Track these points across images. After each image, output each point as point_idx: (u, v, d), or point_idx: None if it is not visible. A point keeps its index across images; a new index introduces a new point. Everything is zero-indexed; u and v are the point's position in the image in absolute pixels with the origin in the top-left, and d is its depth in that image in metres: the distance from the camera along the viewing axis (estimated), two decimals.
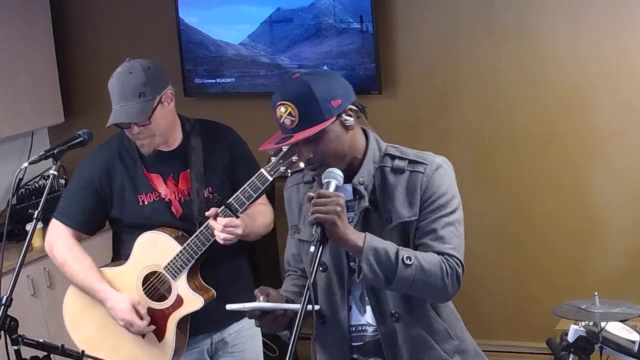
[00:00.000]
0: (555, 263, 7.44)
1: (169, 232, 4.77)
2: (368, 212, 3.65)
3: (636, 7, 6.86)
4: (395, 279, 3.35)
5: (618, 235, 7.22)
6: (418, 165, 3.62)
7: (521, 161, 7.42)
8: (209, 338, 5.07)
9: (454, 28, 7.40)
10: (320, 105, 3.47)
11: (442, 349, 3.75)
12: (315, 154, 3.54)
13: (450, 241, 3.54)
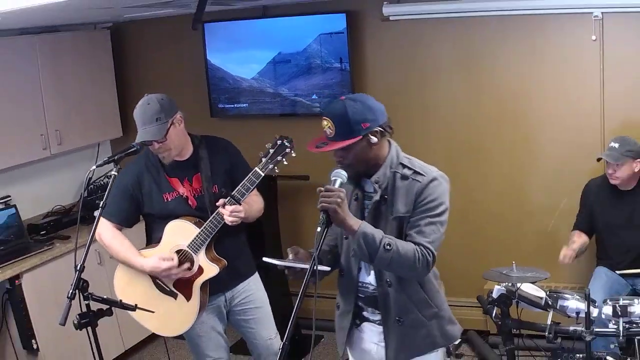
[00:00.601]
0: (486, 239, 7.89)
1: (189, 219, 5.18)
2: (380, 203, 4.14)
3: (564, 44, 7.17)
4: (376, 258, 3.88)
5: (529, 221, 7.73)
6: (418, 176, 4.09)
7: (462, 164, 7.70)
8: (222, 296, 5.45)
9: (409, 65, 7.76)
10: (352, 126, 3.94)
11: (421, 314, 4.24)
12: (344, 158, 4.03)
13: (429, 236, 4.01)
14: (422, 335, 4.32)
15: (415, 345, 4.33)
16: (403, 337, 4.29)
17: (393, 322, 4.26)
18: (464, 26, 7.56)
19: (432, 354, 4.41)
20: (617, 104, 7.21)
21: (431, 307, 4.33)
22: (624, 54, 7.11)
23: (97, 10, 6.39)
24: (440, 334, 4.38)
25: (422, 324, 4.30)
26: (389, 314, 4.27)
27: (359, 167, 4.13)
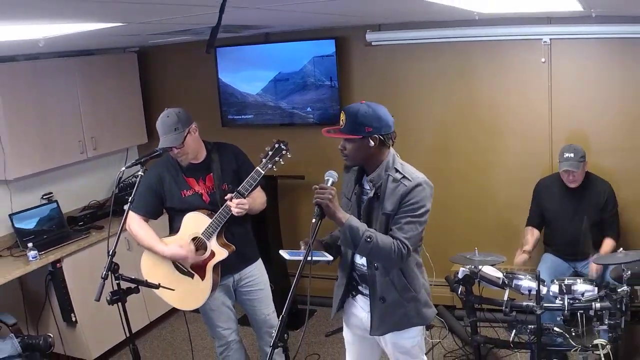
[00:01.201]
0: (452, 229, 7.90)
1: (203, 211, 5.29)
2: (374, 199, 4.27)
3: (519, 66, 7.26)
4: (358, 247, 4.07)
5: (489, 213, 7.81)
6: (405, 180, 4.19)
7: (430, 167, 7.02)
8: (231, 277, 5.57)
9: (388, 83, 7.76)
10: (358, 125, 4.10)
11: (401, 296, 4.37)
12: (345, 148, 4.19)
13: (407, 232, 4.14)
14: (400, 314, 4.43)
15: (393, 322, 4.45)
16: (384, 313, 4.41)
17: (377, 300, 4.39)
18: (435, 50, 7.61)
19: (409, 331, 4.53)
20: (562, 116, 7.30)
21: (410, 291, 4.43)
22: (568, 74, 7.22)
23: (126, 37, 6.41)
24: (416, 314, 4.47)
25: (401, 304, 4.41)
26: (375, 293, 4.39)
27: (356, 160, 4.30)
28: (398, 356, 4.67)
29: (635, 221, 7.06)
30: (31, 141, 7.01)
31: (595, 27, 6.79)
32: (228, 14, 2.27)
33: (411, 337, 4.59)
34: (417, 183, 4.22)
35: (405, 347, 4.62)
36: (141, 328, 7.74)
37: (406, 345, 4.61)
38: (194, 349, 6.83)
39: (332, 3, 4.55)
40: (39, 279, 6.89)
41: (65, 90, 7.39)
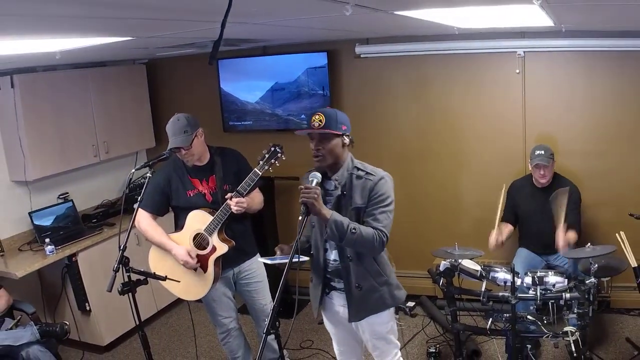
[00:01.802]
0: (434, 225, 7.97)
1: (206, 210, 5.34)
2: (341, 197, 4.34)
3: (495, 76, 7.32)
4: (345, 239, 4.13)
5: (468, 211, 7.85)
6: (370, 176, 4.33)
7: (416, 168, 7.83)
8: (231, 270, 5.66)
9: (375, 92, 7.82)
10: (337, 124, 4.22)
11: (375, 281, 4.48)
12: (322, 148, 4.22)
13: (382, 222, 4.26)
14: (375, 297, 4.53)
15: (370, 306, 4.54)
16: (361, 300, 4.50)
17: (354, 288, 4.46)
18: (418, 62, 7.64)
19: (384, 313, 4.63)
20: (535, 122, 7.38)
21: (382, 276, 4.56)
22: (540, 84, 7.28)
23: (135, 49, 6.43)
24: (389, 296, 4.61)
25: (375, 289, 4.52)
26: (350, 282, 4.46)
27: (328, 160, 4.30)
28: (375, 342, 4.75)
29: (600, 218, 7.09)
30: (49, 145, 7.07)
31: (565, 41, 6.90)
32: (229, 29, 2.27)
33: (385, 322, 4.70)
34: (380, 177, 4.36)
35: (380, 332, 4.71)
36: (149, 316, 7.80)
37: (381, 330, 4.71)
38: (197, 336, 6.93)
39: (322, 19, 4.56)
40: (56, 271, 6.97)
41: (80, 99, 7.43)
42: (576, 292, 5.13)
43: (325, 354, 6.76)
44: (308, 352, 6.90)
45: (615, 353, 6.45)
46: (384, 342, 4.76)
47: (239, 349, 6.01)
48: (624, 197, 7.14)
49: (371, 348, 4.81)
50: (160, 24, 3.95)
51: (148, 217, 5.49)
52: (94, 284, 6.92)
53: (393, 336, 4.82)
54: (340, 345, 5.00)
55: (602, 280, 5.45)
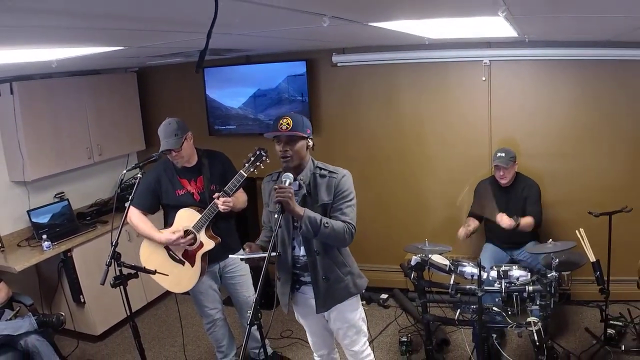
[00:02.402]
0: (406, 223, 7.97)
1: (194, 208, 5.41)
2: (306, 196, 4.37)
3: (463, 83, 7.36)
4: (319, 234, 4.18)
5: (437, 210, 7.85)
6: (333, 174, 4.40)
7: (387, 169, 7.87)
8: (217, 265, 5.74)
9: (350, 98, 7.84)
10: (303, 127, 4.26)
11: (340, 271, 4.55)
12: (290, 149, 4.23)
13: (349, 215, 4.35)
14: (341, 287, 4.59)
15: (337, 295, 4.60)
16: (328, 290, 4.55)
17: (321, 280, 4.50)
18: (390, 70, 7.65)
19: (351, 300, 4.69)
20: (500, 126, 7.41)
21: (346, 266, 4.64)
22: (505, 90, 7.32)
23: (127, 58, 6.45)
24: (353, 285, 4.66)
25: (341, 279, 4.58)
26: (318, 274, 4.50)
27: (294, 161, 4.32)
28: (345, 331, 4.80)
29: (561, 216, 7.13)
30: (46, 148, 7.11)
31: (528, 51, 6.96)
32: (214, 39, 2.29)
33: (353, 309, 4.75)
34: (343, 174, 4.44)
35: (350, 319, 4.76)
36: (140, 308, 7.82)
37: (351, 317, 4.76)
38: (185, 326, 6.92)
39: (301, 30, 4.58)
40: (52, 266, 6.96)
41: (75, 104, 7.45)
42: (539, 285, 5.16)
43: (304, 342, 6.67)
44: (288, 341, 6.94)
45: (575, 342, 6.51)
46: (354, 331, 4.80)
47: (224, 338, 6.07)
48: (584, 196, 7.17)
49: (341, 337, 4.85)
50: (150, 35, 3.96)
51: (139, 214, 5.52)
52: (87, 278, 6.94)
53: (362, 323, 4.86)
54: (313, 336, 5.03)
55: (563, 274, 5.46)
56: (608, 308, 6.24)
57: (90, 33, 3.44)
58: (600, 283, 5.74)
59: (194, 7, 2.66)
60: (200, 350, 6.94)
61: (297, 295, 4.73)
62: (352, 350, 4.90)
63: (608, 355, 6.07)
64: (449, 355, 6.46)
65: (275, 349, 6.68)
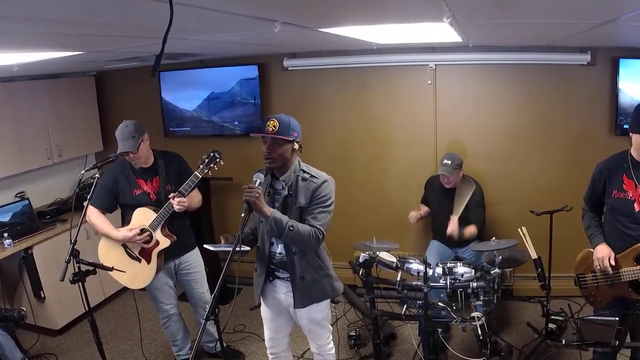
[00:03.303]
0: (355, 221, 7.97)
1: (150, 207, 5.40)
2: (287, 197, 4.35)
3: (410, 86, 7.38)
4: (283, 235, 4.16)
5: (384, 209, 7.90)
6: (314, 178, 4.35)
7: (337, 170, 7.27)
8: (172, 262, 5.74)
9: (301, 101, 7.83)
10: (289, 130, 4.24)
11: (317, 273, 4.54)
12: (272, 151, 4.21)
13: (320, 220, 4.30)
14: (317, 288, 4.59)
15: (313, 296, 4.59)
16: (304, 289, 4.54)
17: (298, 279, 4.49)
18: (340, 74, 7.68)
19: (323, 302, 4.70)
20: (445, 128, 7.49)
21: (324, 269, 4.62)
22: (450, 93, 7.40)
23: (86, 63, 6.40)
24: (330, 288, 4.67)
25: (317, 280, 4.57)
26: (295, 274, 4.49)
27: (278, 162, 4.29)
28: (311, 327, 4.81)
29: (504, 215, 7.19)
30: (7, 149, 7.08)
31: (472, 55, 7.06)
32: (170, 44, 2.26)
33: (322, 310, 4.75)
34: (324, 180, 4.39)
35: (317, 319, 4.77)
36: (98, 303, 7.76)
37: (318, 317, 4.76)
38: (141, 320, 6.92)
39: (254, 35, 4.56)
40: (13, 262, 6.90)
41: (35, 107, 7.43)
42: (482, 281, 5.17)
43: (256, 337, 6.80)
44: (240, 335, 6.93)
45: (517, 336, 6.59)
46: (318, 327, 4.84)
47: (179, 332, 6.09)
48: (526, 195, 7.28)
49: (307, 332, 4.89)
50: (108, 40, 3.94)
51: (97, 213, 5.49)
52: (47, 274, 6.91)
53: (327, 322, 4.90)
54: (271, 332, 4.99)
55: (506, 270, 5.46)
56: (549, 303, 6.35)
57: (50, 38, 3.41)
58: (542, 279, 5.80)
59: (151, 13, 2.63)
60: (157, 344, 6.90)
61: (267, 287, 4.74)
62: (316, 343, 4.97)
63: (549, 348, 6.18)
64: (396, 349, 6.51)
65: (228, 343, 6.67)
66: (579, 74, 6.90)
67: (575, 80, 6.94)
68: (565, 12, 3.35)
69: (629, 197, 4.35)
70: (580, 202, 4.95)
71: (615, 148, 4.70)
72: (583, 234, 4.81)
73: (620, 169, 4.43)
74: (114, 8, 2.45)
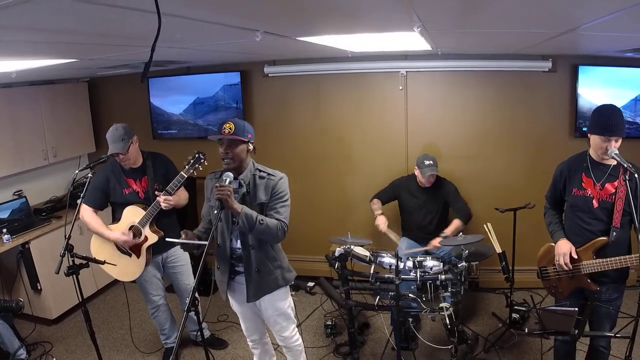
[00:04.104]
0: (331, 218, 8.12)
1: (139, 205, 5.48)
2: (245, 195, 4.38)
3: (382, 92, 7.50)
4: (254, 229, 4.21)
5: (358, 207, 7.91)
6: (272, 176, 4.42)
7: (316, 169, 7.98)
8: (160, 256, 5.81)
9: (280, 105, 7.91)
10: (244, 132, 4.27)
11: (271, 264, 4.61)
12: (230, 151, 4.25)
13: (283, 214, 4.39)
14: (271, 279, 4.67)
15: (267, 286, 4.67)
16: (260, 281, 4.61)
17: (253, 272, 4.56)
18: (316, 80, 7.75)
19: (280, 291, 4.76)
20: (416, 131, 7.57)
21: (277, 260, 4.70)
22: (420, 98, 7.49)
23: (79, 70, 6.41)
24: (282, 278, 4.74)
25: (271, 272, 4.66)
26: (251, 267, 4.55)
27: (235, 163, 4.33)
28: (276, 318, 4.87)
29: (472, 211, 7.05)
30: (5, 150, 7.13)
31: (441, 62, 7.18)
32: (158, 52, 2.32)
33: (283, 299, 4.82)
34: (280, 177, 4.48)
35: (280, 308, 4.83)
36: (91, 294, 7.85)
37: (281, 306, 4.83)
38: (131, 311, 7.16)
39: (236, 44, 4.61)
40: (11, 256, 6.95)
41: (33, 111, 7.45)
42: (450, 274, 5.21)
43: (238, 326, 6.64)
44: (224, 325, 6.98)
45: (483, 325, 6.68)
46: (283, 318, 4.87)
47: (166, 321, 6.16)
48: (491, 194, 7.41)
49: (272, 324, 4.92)
50: (100, 48, 3.96)
51: (89, 211, 5.53)
52: (44, 267, 6.95)
53: (291, 312, 4.93)
54: (246, 322, 5.05)
55: (472, 264, 5.58)
56: (513, 295, 6.44)
57: (47, 46, 3.43)
58: (506, 272, 5.90)
59: (140, 24, 2.67)
60: (145, 333, 6.95)
61: (232, 284, 4.76)
62: (282, 335, 4.98)
63: (512, 337, 6.29)
64: (370, 338, 6.59)
65: (212, 332, 6.71)
66: (541, 80, 7.03)
67: (537, 86, 7.07)
68: (529, 21, 3.39)
69: (588, 194, 4.42)
70: (542, 200, 5.01)
71: (574, 149, 4.77)
72: (545, 230, 4.88)
73: (579, 168, 4.50)
74: (106, 18, 2.49)
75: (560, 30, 3.87)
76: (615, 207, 4.31)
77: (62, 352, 6.52)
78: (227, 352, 6.43)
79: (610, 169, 4.36)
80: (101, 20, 2.55)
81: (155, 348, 6.53)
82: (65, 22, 2.48)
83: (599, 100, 6.67)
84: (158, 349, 6.47)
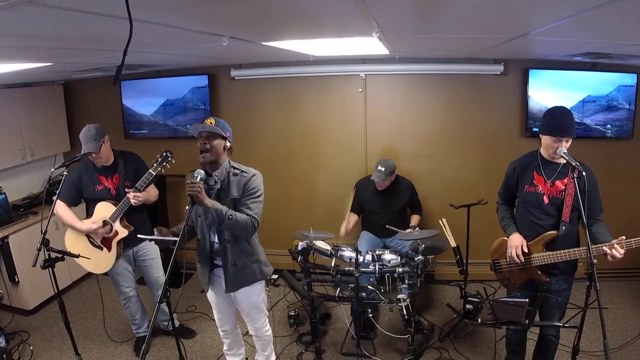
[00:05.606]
0: (294, 213, 8.07)
1: (110, 201, 5.44)
2: (220, 190, 4.35)
3: (343, 94, 7.45)
4: (223, 224, 4.16)
5: (322, 202, 7.92)
6: (244, 173, 4.38)
7: (281, 167, 7.91)
8: (131, 250, 5.78)
9: (247, 107, 7.79)
10: (224, 129, 4.31)
11: (247, 259, 4.58)
12: (209, 143, 4.25)
13: (254, 210, 4.33)
14: (248, 273, 4.64)
15: (243, 279, 4.65)
16: (236, 274, 4.60)
17: (230, 265, 4.55)
18: (281, 82, 7.69)
19: (256, 285, 4.75)
20: (375, 132, 7.56)
21: (253, 255, 4.66)
22: (379, 100, 7.46)
23: (55, 73, 6.39)
24: (259, 272, 4.72)
25: (248, 266, 4.62)
26: (227, 260, 4.55)
27: (212, 156, 4.32)
28: (249, 311, 4.88)
29: (427, 208, 7.21)
30: None
31: (399, 66, 7.13)
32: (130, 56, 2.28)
33: (257, 293, 4.82)
34: (253, 174, 4.43)
35: (254, 301, 4.84)
36: (66, 286, 7.79)
37: (255, 300, 4.83)
38: (104, 302, 7.26)
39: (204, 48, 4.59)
40: None
41: (11, 112, 7.39)
42: (407, 267, 5.24)
43: (206, 316, 6.85)
44: (192, 315, 6.96)
45: (438, 316, 6.71)
46: (256, 310, 4.90)
47: (137, 312, 6.13)
48: (446, 191, 7.41)
49: (245, 315, 4.94)
50: (74, 52, 3.95)
51: (64, 206, 5.50)
52: (21, 260, 6.91)
53: (264, 305, 4.95)
54: (220, 313, 5.02)
55: (428, 257, 5.62)
56: (467, 287, 6.51)
57: (23, 51, 3.40)
58: (460, 265, 5.96)
59: (113, 29, 2.65)
60: (118, 323, 6.88)
61: (212, 277, 4.75)
62: (254, 326, 5.03)
63: (466, 327, 6.33)
64: (331, 327, 6.59)
65: (181, 322, 6.71)
66: (493, 83, 7.06)
67: (490, 88, 7.09)
68: (482, 27, 3.42)
69: (539, 191, 4.46)
70: (495, 196, 5.03)
71: (525, 148, 4.81)
72: (497, 225, 4.90)
73: (531, 166, 4.53)
74: (80, 24, 2.46)
75: (512, 36, 3.90)
76: (564, 203, 4.35)
77: (38, 341, 6.48)
78: (195, 341, 6.41)
79: (560, 167, 4.40)
80: (76, 26, 2.52)
81: (127, 337, 6.50)
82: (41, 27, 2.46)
83: (549, 102, 6.75)
84: (129, 338, 6.46)
